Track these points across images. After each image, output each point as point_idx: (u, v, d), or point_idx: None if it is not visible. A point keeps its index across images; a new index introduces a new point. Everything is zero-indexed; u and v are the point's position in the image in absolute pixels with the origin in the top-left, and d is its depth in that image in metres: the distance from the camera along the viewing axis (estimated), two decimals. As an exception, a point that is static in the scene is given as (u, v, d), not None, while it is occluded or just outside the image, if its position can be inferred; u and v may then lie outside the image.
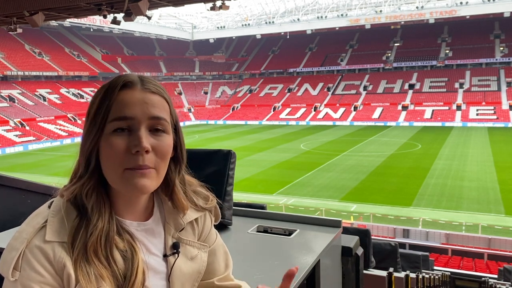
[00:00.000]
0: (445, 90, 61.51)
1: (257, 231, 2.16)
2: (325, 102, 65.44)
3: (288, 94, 70.32)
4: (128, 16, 10.34)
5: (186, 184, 1.10)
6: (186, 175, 1.10)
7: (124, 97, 0.94)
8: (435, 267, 8.37)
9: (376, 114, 58.87)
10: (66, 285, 0.87)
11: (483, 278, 6.71)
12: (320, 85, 70.49)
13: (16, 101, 53.77)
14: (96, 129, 0.93)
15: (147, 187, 0.93)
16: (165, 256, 1.05)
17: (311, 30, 68.98)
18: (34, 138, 46.14)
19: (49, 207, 0.95)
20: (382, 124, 55.98)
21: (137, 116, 0.92)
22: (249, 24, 72.28)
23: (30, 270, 0.86)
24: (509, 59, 62.31)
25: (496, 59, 63.04)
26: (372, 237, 4.52)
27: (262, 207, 2.61)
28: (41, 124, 50.55)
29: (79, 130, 50.93)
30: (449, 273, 7.09)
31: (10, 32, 11.84)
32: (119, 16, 11.46)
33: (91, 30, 67.69)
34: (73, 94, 61.97)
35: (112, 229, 0.94)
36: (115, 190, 0.97)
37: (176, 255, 1.05)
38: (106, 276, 0.89)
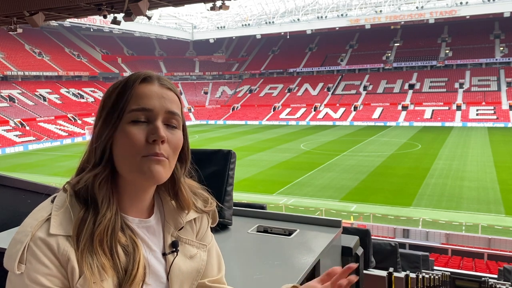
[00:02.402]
0: (445, 90, 61.51)
1: (257, 231, 2.16)
2: (325, 102, 65.44)
3: (288, 94, 70.32)
4: (128, 16, 10.37)
5: (186, 185, 1.12)
6: (186, 177, 1.12)
7: (143, 89, 0.98)
8: (435, 267, 8.38)
9: (376, 114, 58.86)
10: (70, 278, 0.89)
11: (483, 278, 6.71)
12: (320, 85, 70.49)
13: (16, 101, 53.77)
14: (114, 118, 0.96)
15: (161, 174, 0.97)
16: (164, 254, 1.06)
17: (311, 30, 68.96)
18: (34, 138, 46.13)
19: (52, 202, 0.96)
20: (382, 124, 55.97)
21: (155, 108, 0.97)
22: (249, 24, 72.23)
23: (36, 262, 0.86)
24: (509, 59, 62.30)
25: (496, 59, 63.04)
26: (372, 237, 4.52)
27: (262, 207, 2.61)
28: (41, 124, 50.54)
29: (79, 130, 50.94)
30: (449, 273, 7.09)
31: (10, 32, 11.85)
32: (119, 16, 11.48)
33: (91, 30, 67.68)
34: (73, 94, 61.96)
35: (118, 222, 0.96)
36: (122, 185, 1.00)
37: (175, 253, 1.06)
38: (108, 267, 0.90)
